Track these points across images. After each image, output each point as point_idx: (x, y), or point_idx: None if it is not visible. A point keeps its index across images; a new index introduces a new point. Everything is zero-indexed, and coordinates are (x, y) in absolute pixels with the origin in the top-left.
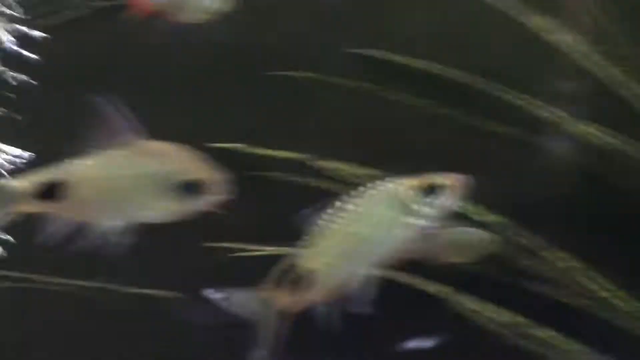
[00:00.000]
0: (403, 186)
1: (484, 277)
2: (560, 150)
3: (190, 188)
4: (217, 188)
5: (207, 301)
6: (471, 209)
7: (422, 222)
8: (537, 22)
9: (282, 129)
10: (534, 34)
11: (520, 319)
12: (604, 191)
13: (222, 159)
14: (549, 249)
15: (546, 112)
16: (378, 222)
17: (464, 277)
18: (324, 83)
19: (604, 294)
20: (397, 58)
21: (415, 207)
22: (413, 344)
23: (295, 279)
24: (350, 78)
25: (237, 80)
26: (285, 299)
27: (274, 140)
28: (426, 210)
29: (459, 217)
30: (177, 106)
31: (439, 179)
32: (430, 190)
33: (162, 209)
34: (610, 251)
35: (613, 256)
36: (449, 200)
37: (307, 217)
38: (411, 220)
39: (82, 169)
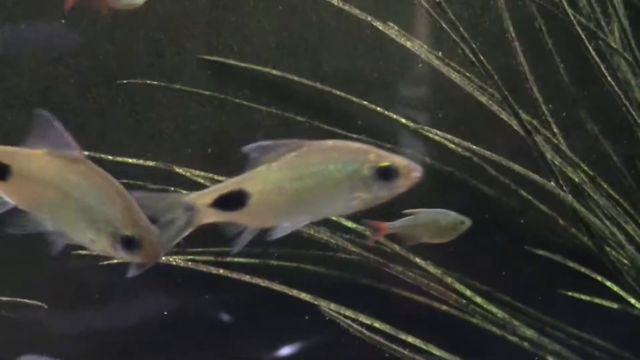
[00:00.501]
0: (367, 160)
1: (354, 283)
2: (416, 156)
3: None
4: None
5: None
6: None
7: (370, 198)
8: (383, 28)
9: (136, 136)
10: (381, 41)
11: (386, 325)
12: (461, 197)
13: None
14: (409, 256)
15: (401, 117)
16: (330, 184)
17: (335, 284)
18: (175, 90)
19: (465, 299)
20: (250, 65)
21: (372, 185)
22: (286, 349)
23: (226, 196)
24: (203, 86)
25: (89, 86)
26: (210, 212)
27: (128, 147)
28: (379, 190)
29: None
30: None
31: (399, 162)
32: (387, 171)
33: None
34: (469, 256)
35: (473, 261)
36: (401, 187)
37: (263, 149)
38: (362, 194)
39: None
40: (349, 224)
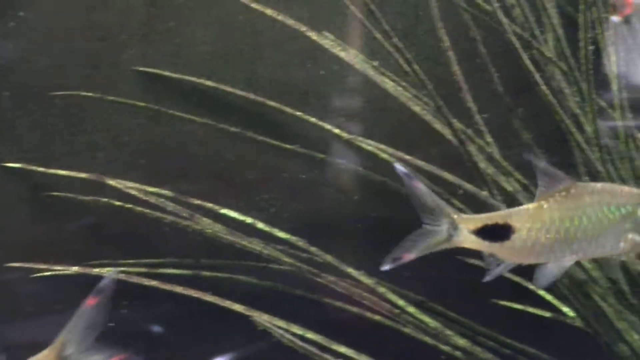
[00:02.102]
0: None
1: (286, 294)
2: (351, 166)
3: None
4: None
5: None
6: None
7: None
8: (317, 38)
9: (71, 148)
10: (315, 51)
11: (318, 335)
12: (394, 207)
13: (13, 178)
14: (342, 266)
15: (335, 127)
16: (602, 225)
17: (268, 295)
18: (111, 102)
19: (398, 309)
20: (184, 76)
21: None
22: None
23: (492, 227)
24: (137, 97)
25: (24, 99)
26: (470, 238)
27: (62, 159)
28: None
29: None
30: None
31: None
32: None
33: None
34: (402, 266)
35: (405, 271)
36: None
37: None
38: (634, 236)
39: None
40: (282, 234)
